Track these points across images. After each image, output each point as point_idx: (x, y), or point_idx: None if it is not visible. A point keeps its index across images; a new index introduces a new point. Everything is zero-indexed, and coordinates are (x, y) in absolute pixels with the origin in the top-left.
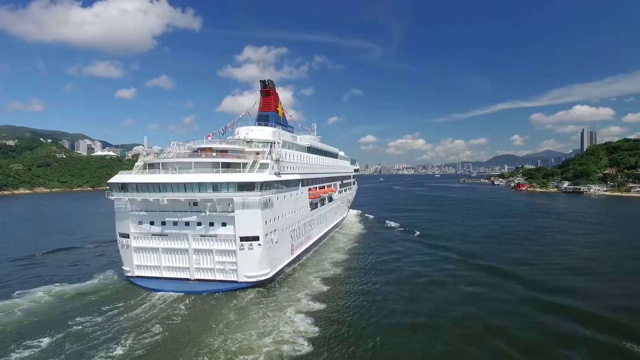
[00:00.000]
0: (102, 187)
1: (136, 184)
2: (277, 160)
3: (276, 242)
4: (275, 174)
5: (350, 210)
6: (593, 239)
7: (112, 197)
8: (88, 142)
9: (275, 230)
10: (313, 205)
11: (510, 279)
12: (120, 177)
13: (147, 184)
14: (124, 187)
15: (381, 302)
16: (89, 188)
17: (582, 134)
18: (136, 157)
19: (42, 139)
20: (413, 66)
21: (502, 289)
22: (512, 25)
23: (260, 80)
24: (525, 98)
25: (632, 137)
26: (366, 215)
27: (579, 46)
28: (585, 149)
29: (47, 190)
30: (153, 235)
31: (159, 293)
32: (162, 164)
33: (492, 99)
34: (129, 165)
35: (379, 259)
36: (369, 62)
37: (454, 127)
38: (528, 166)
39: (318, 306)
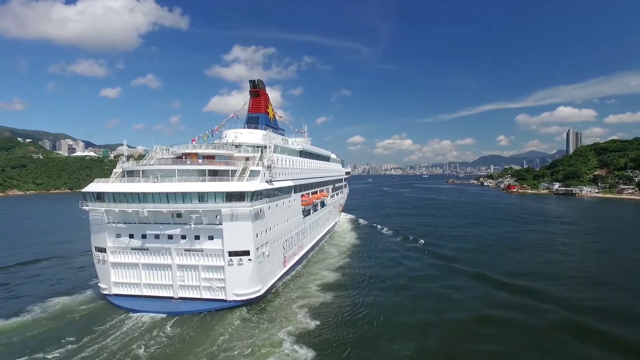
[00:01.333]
0: (80, 189)
1: (113, 193)
2: (268, 167)
3: (268, 256)
4: (266, 181)
5: (342, 214)
6: (605, 246)
7: (86, 208)
8: (70, 142)
9: (267, 243)
10: (306, 212)
11: (535, 297)
12: (95, 186)
13: (125, 193)
14: (99, 196)
15: (390, 346)
16: (67, 190)
17: (567, 134)
18: (118, 157)
19: (20, 139)
20: (400, 67)
21: (531, 311)
22: (498, 27)
23: (250, 80)
24: (510, 99)
25: (613, 137)
26: (359, 220)
27: (562, 48)
28: (571, 150)
29: (21, 192)
30: (132, 249)
31: (136, 316)
32: (143, 171)
33: (478, 100)
34: (110, 166)
35: (379, 278)
36: (357, 62)
37: (441, 128)
38: (515, 167)
39: (305, 354)
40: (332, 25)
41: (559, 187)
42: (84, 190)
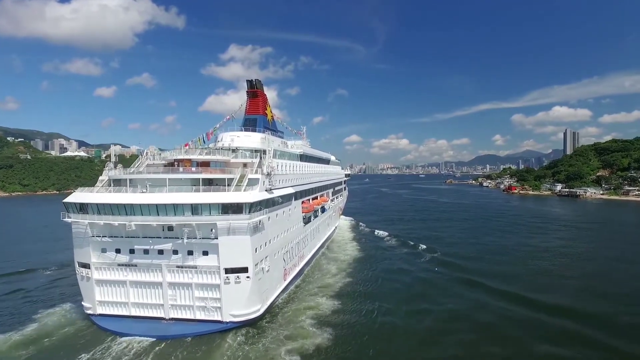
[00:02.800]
0: (69, 190)
1: (97, 204)
2: (268, 174)
3: (268, 271)
4: (266, 190)
5: (341, 217)
6: (636, 256)
7: (68, 220)
8: (62, 141)
9: (266, 257)
10: (306, 220)
11: (588, 323)
12: (78, 196)
13: (111, 205)
14: (82, 208)
15: None
16: (55, 191)
17: (565, 134)
18: (107, 158)
19: (10, 139)
20: (397, 67)
21: (591, 345)
22: (494, 27)
23: (247, 80)
24: (506, 99)
25: (608, 137)
26: (359, 226)
27: (557, 49)
28: (568, 150)
29: (6, 194)
30: (119, 265)
31: (122, 340)
32: (130, 180)
33: (474, 100)
34: (100, 167)
35: (390, 304)
36: (354, 62)
37: (437, 127)
38: (512, 167)
39: None
40: (329, 25)
41: (562, 188)
42: (65, 200)
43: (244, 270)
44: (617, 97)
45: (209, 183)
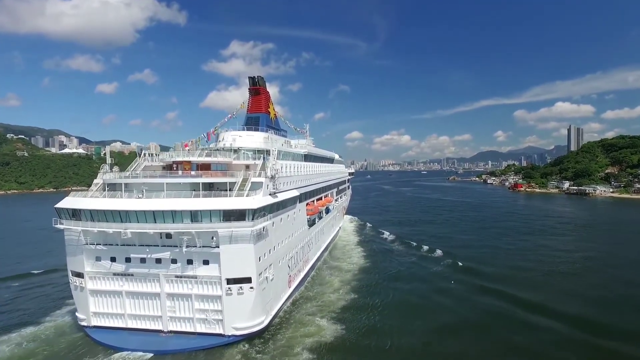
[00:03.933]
0: (66, 188)
1: (91, 210)
2: (272, 177)
3: (272, 280)
4: (270, 194)
5: (345, 217)
6: None
7: (61, 226)
8: (62, 138)
9: (270, 265)
10: (311, 222)
11: None
12: (70, 202)
13: (104, 211)
14: (75, 214)
15: None
16: (52, 189)
17: (569, 130)
18: (105, 156)
19: (10, 136)
20: (398, 63)
21: None
22: (495, 23)
23: (249, 77)
24: (507, 95)
25: (611, 133)
26: (365, 228)
27: (559, 44)
28: (572, 146)
29: (2, 192)
30: (115, 275)
31: (119, 355)
32: (126, 184)
33: (476, 96)
34: (99, 164)
35: (406, 324)
36: (355, 58)
37: (438, 124)
38: (515, 163)
39: None
40: (330, 21)
41: (570, 186)
42: (57, 205)
43: (247, 280)
44: (621, 92)
45: (210, 187)
